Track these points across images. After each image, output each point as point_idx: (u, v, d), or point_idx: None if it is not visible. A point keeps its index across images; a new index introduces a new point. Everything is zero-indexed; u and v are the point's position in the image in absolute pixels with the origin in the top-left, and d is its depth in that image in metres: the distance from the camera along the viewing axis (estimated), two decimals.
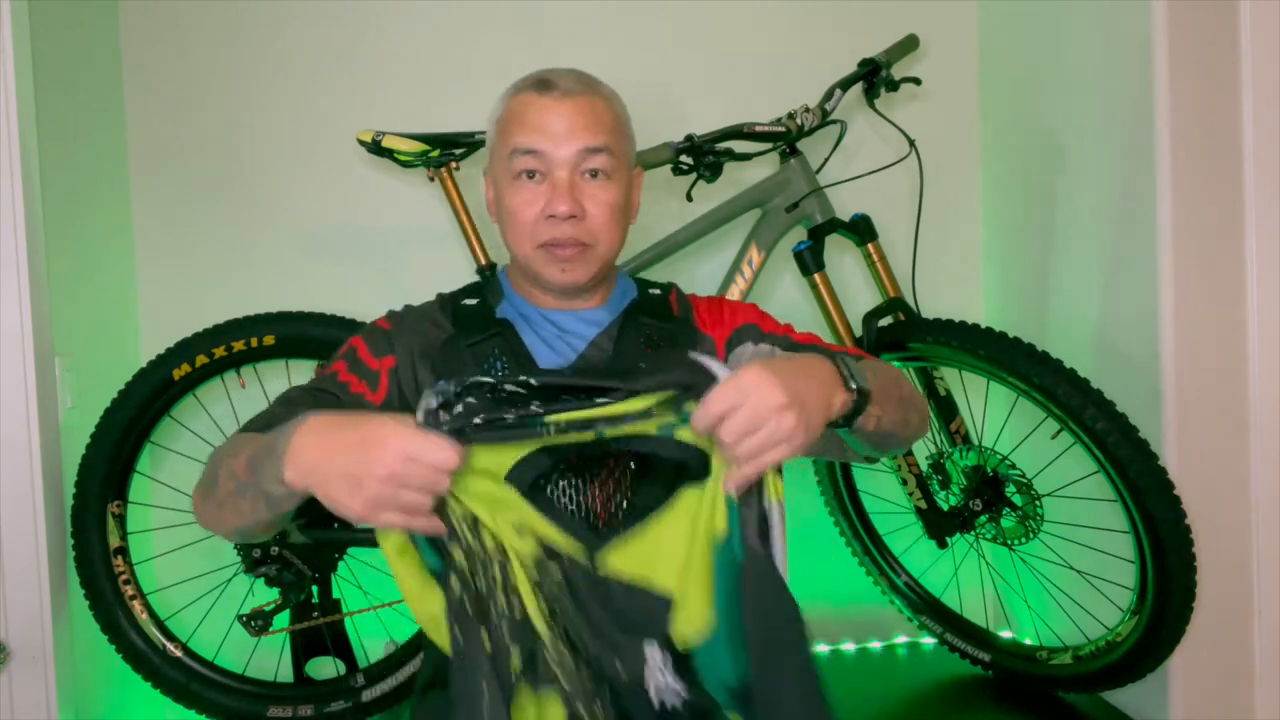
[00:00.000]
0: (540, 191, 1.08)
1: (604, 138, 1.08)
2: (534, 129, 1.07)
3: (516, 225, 1.10)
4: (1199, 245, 1.45)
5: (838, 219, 1.61)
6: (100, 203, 1.69)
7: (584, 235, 1.08)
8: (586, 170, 1.08)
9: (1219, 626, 1.47)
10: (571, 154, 1.07)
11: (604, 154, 1.08)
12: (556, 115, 1.07)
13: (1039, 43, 1.78)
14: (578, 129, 1.07)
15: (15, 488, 1.32)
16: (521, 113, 1.09)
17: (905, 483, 1.61)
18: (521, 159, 1.08)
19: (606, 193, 1.09)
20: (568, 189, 1.07)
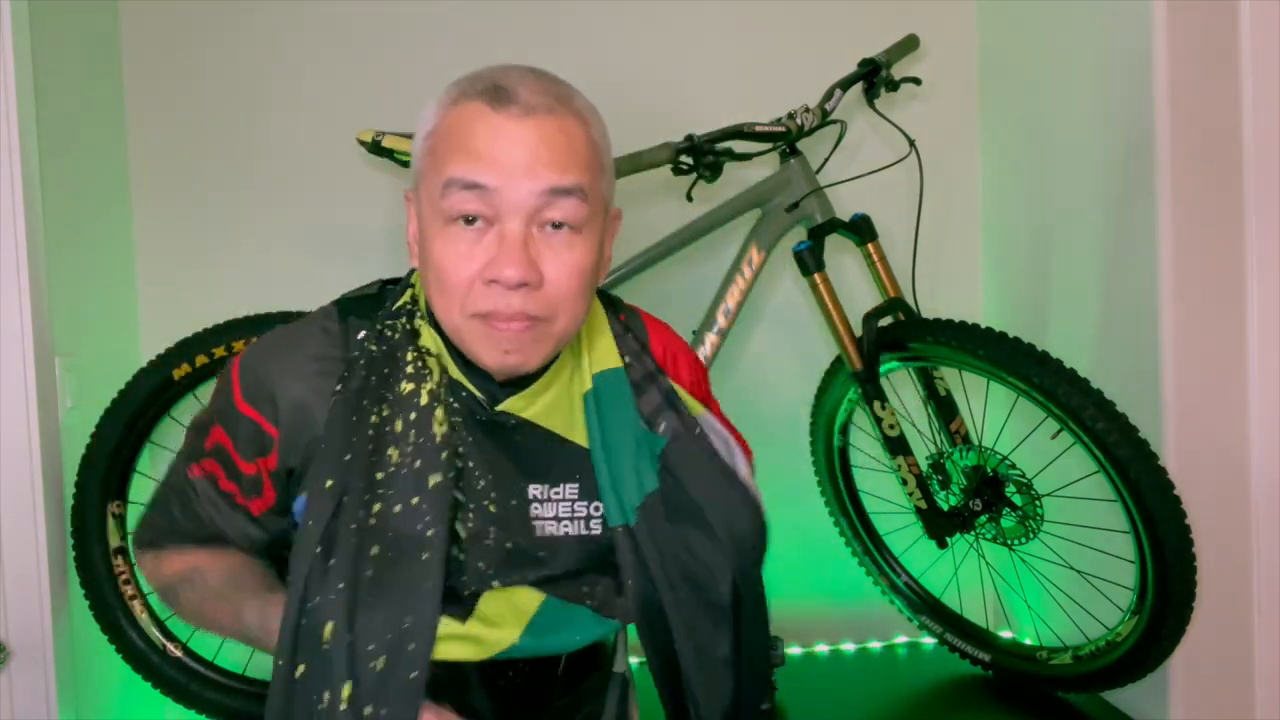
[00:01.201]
0: (482, 245, 0.79)
1: (577, 174, 0.80)
2: (480, 156, 0.78)
3: (444, 286, 0.80)
4: (1199, 245, 1.45)
5: (838, 219, 1.60)
6: (100, 203, 1.69)
7: (537, 308, 0.80)
8: (549, 221, 0.80)
9: (1219, 626, 1.47)
10: (530, 196, 0.78)
11: (575, 198, 0.80)
12: (513, 139, 0.78)
13: (1039, 43, 1.78)
14: (541, 162, 0.78)
15: (15, 488, 1.32)
16: (464, 132, 0.79)
17: (905, 483, 1.61)
18: (458, 196, 0.78)
19: (574, 252, 0.81)
20: (520, 246, 0.78)
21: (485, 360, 0.83)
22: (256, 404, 0.87)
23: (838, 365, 1.66)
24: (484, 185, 0.78)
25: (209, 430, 0.92)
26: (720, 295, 1.61)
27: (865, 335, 1.57)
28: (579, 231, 0.82)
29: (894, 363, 1.60)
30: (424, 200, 0.83)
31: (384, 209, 1.86)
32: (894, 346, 1.56)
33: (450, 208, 0.79)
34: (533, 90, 0.80)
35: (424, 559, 0.81)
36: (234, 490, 0.91)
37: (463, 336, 0.83)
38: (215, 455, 0.91)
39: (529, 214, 0.79)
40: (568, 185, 0.79)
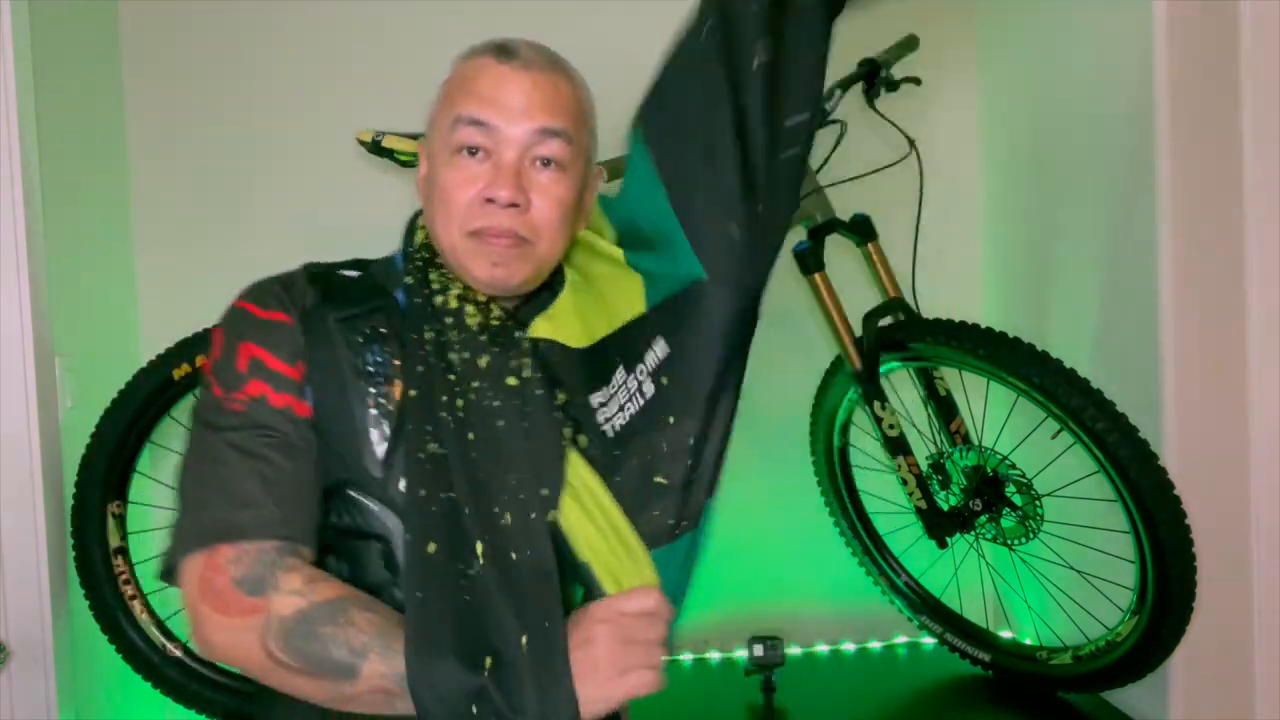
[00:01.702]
0: (481, 172, 0.93)
1: (565, 121, 0.95)
2: (485, 99, 0.93)
3: (448, 207, 0.94)
4: (1199, 245, 1.45)
5: (838, 219, 1.60)
6: (100, 203, 1.69)
7: (524, 228, 0.94)
8: (539, 157, 0.94)
9: (1219, 626, 1.47)
10: (524, 134, 0.93)
11: (561, 140, 0.95)
12: (514, 87, 0.93)
13: (1039, 43, 1.78)
14: (536, 106, 0.93)
15: (15, 488, 1.32)
16: (473, 78, 0.95)
17: (905, 483, 1.61)
18: (465, 130, 0.93)
19: (558, 186, 0.95)
20: (513, 173, 0.93)
21: (476, 273, 0.95)
22: (282, 306, 0.94)
23: (838, 365, 1.66)
24: (486, 123, 0.93)
25: (234, 353, 0.91)
26: None
27: (865, 335, 1.57)
28: (564, 170, 0.96)
29: (894, 363, 1.60)
30: (435, 138, 0.98)
31: (384, 209, 1.85)
32: (894, 346, 1.56)
33: (457, 140, 0.94)
34: (532, 49, 0.98)
35: (524, 425, 0.90)
36: (290, 402, 0.89)
37: (458, 254, 0.95)
38: (254, 372, 0.89)
39: (522, 149, 0.94)
40: (556, 128, 0.94)
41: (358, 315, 0.94)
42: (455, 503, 0.86)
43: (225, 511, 0.85)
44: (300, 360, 0.91)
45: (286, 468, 0.87)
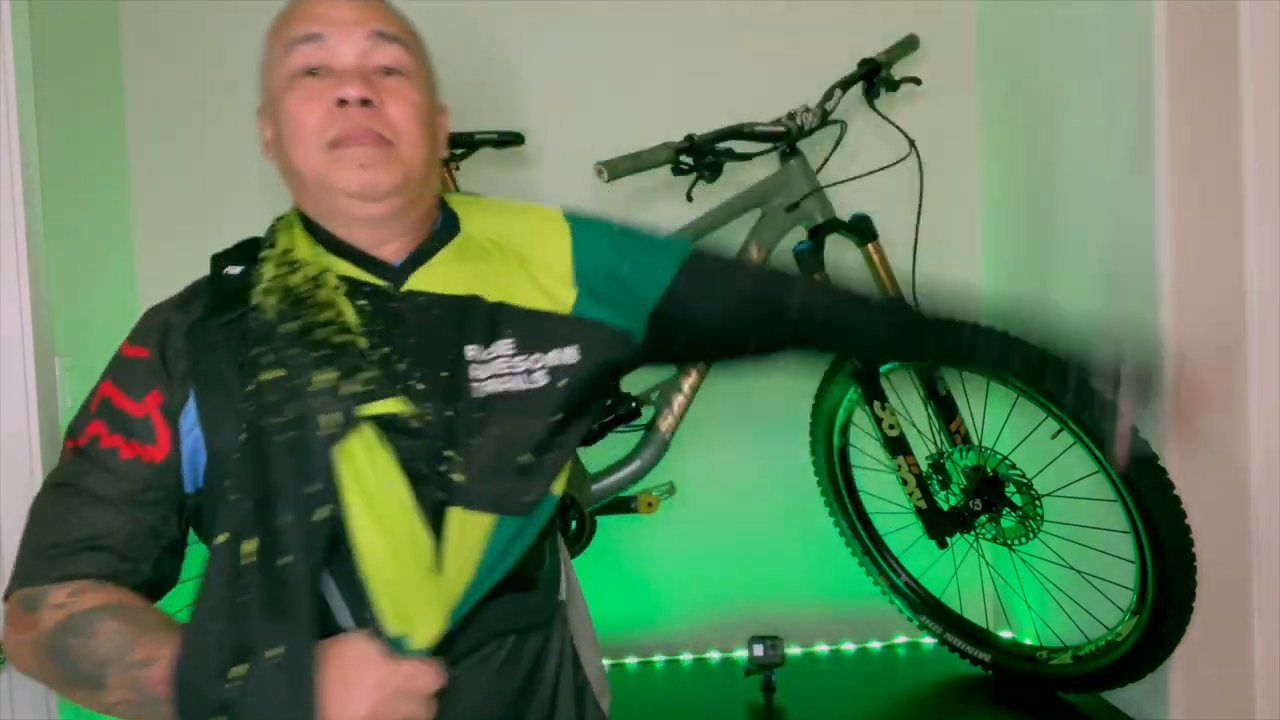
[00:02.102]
0: (325, 85, 0.89)
1: (398, 29, 0.93)
2: (313, 17, 0.91)
3: (300, 131, 0.89)
4: (1199, 245, 1.45)
5: (838, 219, 1.60)
6: (100, 203, 1.69)
7: (382, 127, 0.89)
8: (380, 66, 0.91)
9: (1219, 626, 1.47)
10: (360, 38, 0.90)
11: (399, 46, 0.92)
12: (339, 4, 0.91)
13: (1039, 43, 1.78)
14: (368, 15, 0.91)
15: (15, 488, 1.32)
16: (297, 9, 0.92)
17: (905, 483, 1.61)
18: (300, 50, 0.90)
19: (407, 89, 0.92)
20: (356, 71, 0.89)
21: (344, 184, 0.90)
22: (144, 342, 0.93)
23: (838, 365, 1.66)
24: (320, 34, 0.90)
25: (91, 398, 0.92)
26: None
27: None
28: (408, 77, 0.93)
29: (894, 362, 1.60)
30: (271, 76, 0.93)
31: None
32: None
33: (294, 64, 0.90)
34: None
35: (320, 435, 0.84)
36: (118, 443, 0.89)
37: (321, 173, 0.90)
38: (100, 414, 0.90)
39: (361, 54, 0.90)
40: (390, 32, 0.92)
41: (234, 319, 0.91)
42: (245, 499, 0.83)
43: (26, 558, 0.88)
44: (157, 389, 0.90)
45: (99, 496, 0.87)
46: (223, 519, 0.83)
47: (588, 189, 1.84)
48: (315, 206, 0.95)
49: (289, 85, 0.91)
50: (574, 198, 1.85)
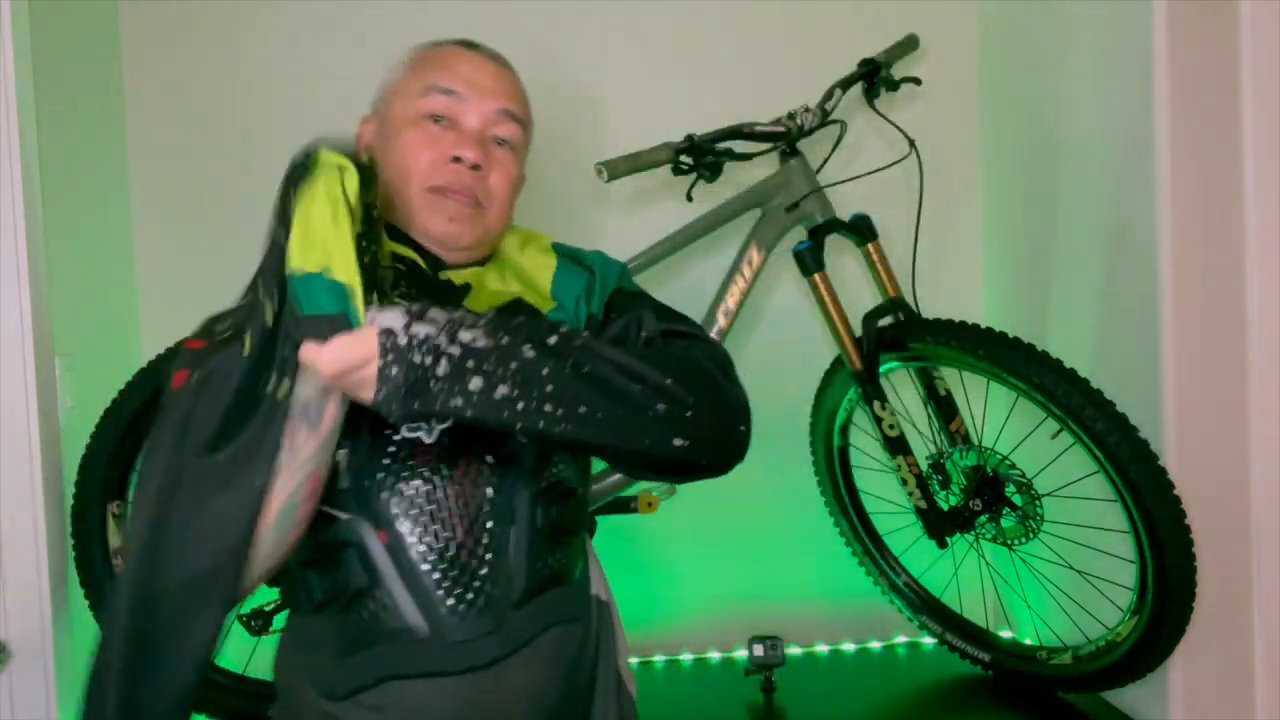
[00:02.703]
0: (444, 136, 1.00)
1: (521, 109, 1.05)
2: (457, 74, 1.01)
3: (411, 166, 0.99)
4: (1199, 245, 1.45)
5: (838, 219, 1.60)
6: (100, 203, 1.69)
7: (481, 192, 1.01)
8: (496, 136, 1.03)
9: (1219, 626, 1.47)
10: (489, 110, 1.01)
11: (517, 125, 1.04)
12: (482, 71, 1.03)
13: (1039, 43, 1.78)
14: (501, 90, 1.03)
15: (15, 488, 1.32)
16: (444, 58, 1.04)
17: (905, 483, 1.61)
18: (436, 98, 1.00)
19: (510, 164, 1.04)
20: (477, 138, 1.00)
21: (432, 227, 1.00)
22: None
23: (838, 365, 1.66)
24: (457, 92, 1.01)
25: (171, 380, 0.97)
26: (720, 295, 1.61)
27: (865, 335, 1.57)
28: (515, 152, 1.05)
29: (894, 363, 1.60)
30: (397, 104, 1.03)
31: None
32: (894, 346, 1.56)
33: (426, 106, 1.00)
34: (490, 49, 1.08)
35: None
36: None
37: (416, 208, 1.00)
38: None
39: (485, 122, 1.02)
40: (515, 112, 1.04)
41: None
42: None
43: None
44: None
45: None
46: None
47: (588, 189, 1.85)
48: (395, 216, 1.02)
49: (414, 122, 1.01)
50: (574, 197, 1.87)
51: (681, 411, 0.87)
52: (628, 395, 0.85)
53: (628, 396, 0.85)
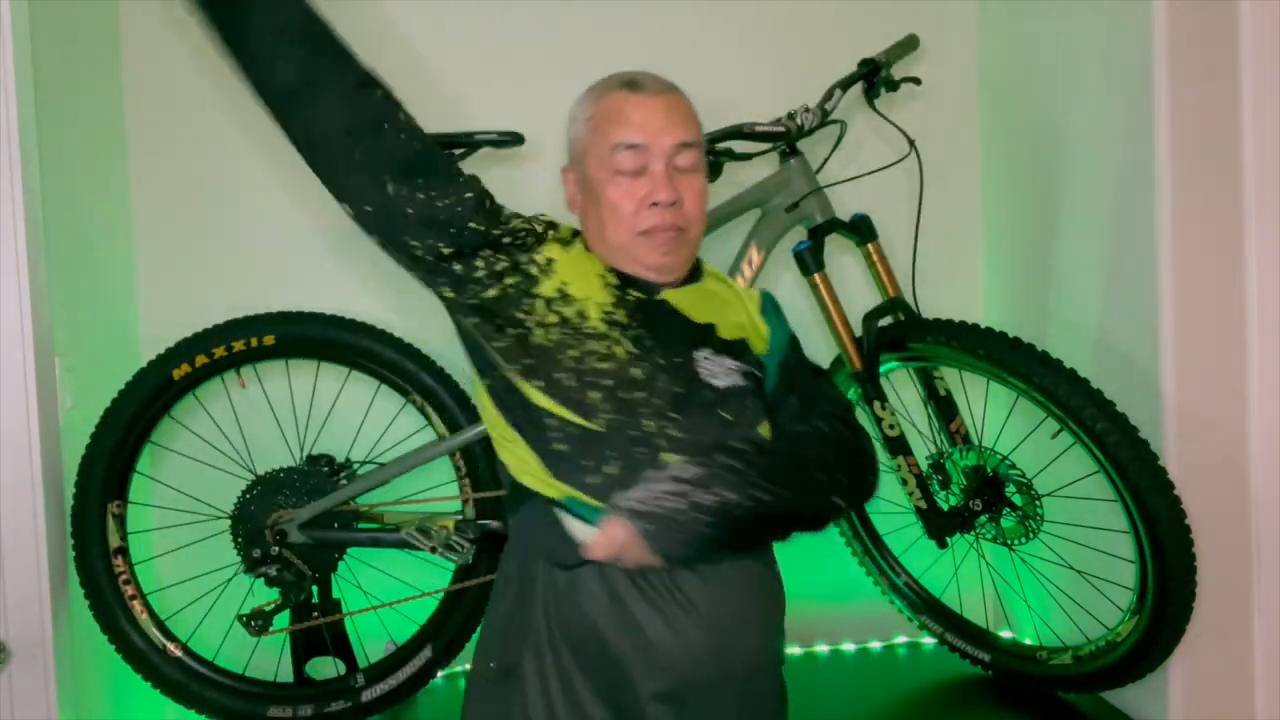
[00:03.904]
0: (640, 184, 1.15)
1: (692, 133, 1.18)
2: (634, 125, 1.15)
3: (617, 216, 1.15)
4: (1199, 245, 1.45)
5: (838, 219, 1.60)
6: (100, 202, 1.69)
7: (680, 221, 1.16)
8: (678, 167, 1.16)
9: (1219, 626, 1.47)
10: (669, 147, 1.15)
11: (694, 150, 1.17)
12: (653, 111, 1.15)
13: (1039, 43, 1.78)
14: (674, 124, 1.16)
15: (15, 488, 1.32)
16: (618, 110, 1.16)
17: (905, 483, 1.61)
18: (624, 155, 1.15)
19: (696, 183, 1.18)
20: (666, 179, 1.14)
21: (649, 261, 1.17)
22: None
23: (838, 365, 1.66)
24: (639, 144, 1.15)
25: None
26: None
27: (865, 335, 1.57)
28: (697, 173, 1.19)
29: (894, 363, 1.60)
30: (591, 164, 1.18)
31: None
32: (894, 346, 1.56)
33: (618, 164, 1.15)
34: (653, 80, 1.19)
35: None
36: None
37: (632, 251, 1.16)
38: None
39: (667, 160, 1.15)
40: (690, 140, 1.17)
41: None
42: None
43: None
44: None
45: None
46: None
47: None
48: (613, 256, 1.19)
49: (611, 179, 1.16)
50: None
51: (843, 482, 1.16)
52: (816, 484, 1.14)
53: (815, 485, 1.14)
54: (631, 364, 1.13)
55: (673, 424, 1.10)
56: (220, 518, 1.63)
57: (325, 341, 1.57)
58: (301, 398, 1.76)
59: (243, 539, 1.58)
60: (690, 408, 1.12)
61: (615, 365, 1.12)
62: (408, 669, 1.59)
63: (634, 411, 1.10)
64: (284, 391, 1.76)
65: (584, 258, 1.20)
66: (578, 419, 1.10)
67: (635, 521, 1.03)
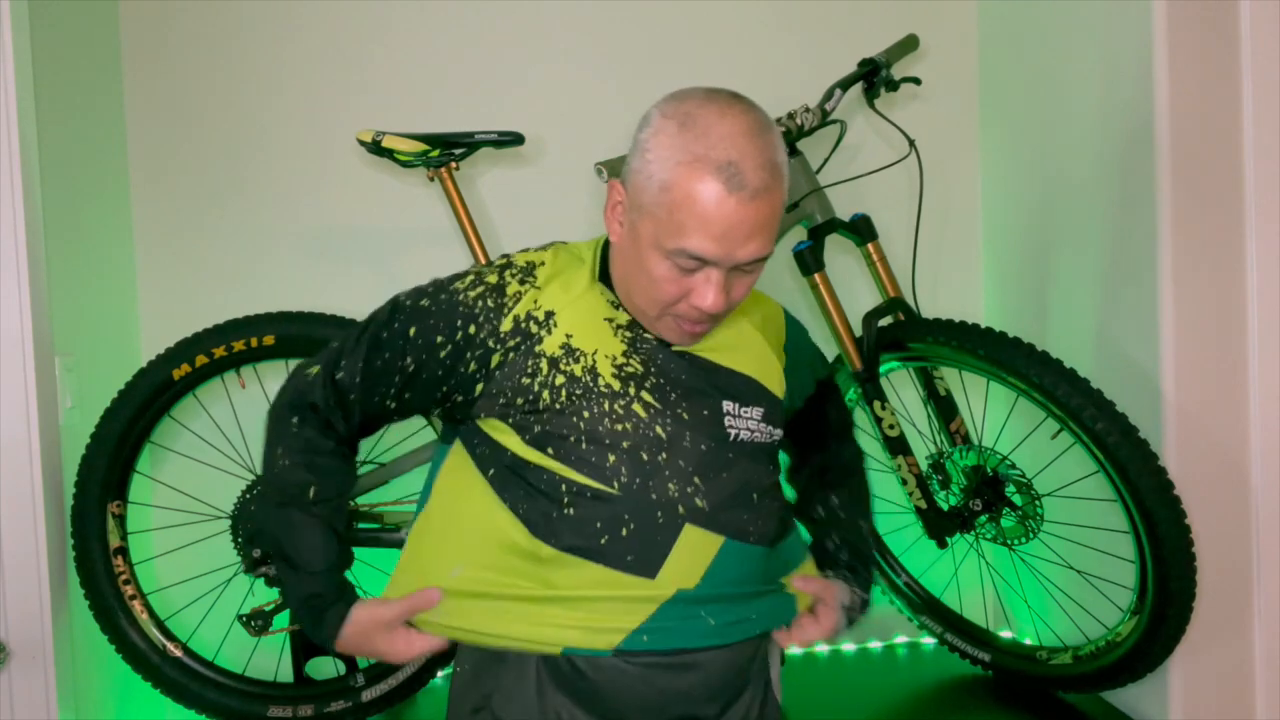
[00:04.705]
0: (694, 279, 0.98)
1: (773, 243, 0.99)
2: (714, 238, 0.94)
3: (653, 290, 0.99)
4: (1199, 245, 1.45)
5: (838, 219, 1.60)
6: (100, 203, 1.69)
7: (720, 317, 1.03)
8: (744, 266, 0.98)
9: (1219, 626, 1.47)
10: (744, 259, 0.97)
11: (766, 255, 0.99)
12: (741, 220, 0.94)
13: (1039, 43, 1.78)
14: (757, 237, 0.96)
15: (15, 488, 1.32)
16: (704, 209, 0.94)
17: (905, 483, 1.61)
18: (687, 260, 0.96)
19: (752, 277, 1.02)
20: (723, 288, 0.97)
21: (666, 336, 1.05)
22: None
23: (838, 365, 1.66)
24: (710, 260, 0.96)
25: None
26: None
27: (865, 335, 1.57)
28: (758, 269, 1.01)
29: (894, 363, 1.60)
30: (647, 226, 0.98)
31: (383, 209, 1.86)
32: (894, 346, 1.56)
33: (678, 261, 0.97)
34: (758, 169, 0.95)
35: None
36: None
37: (650, 319, 1.03)
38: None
39: (734, 265, 0.97)
40: (766, 252, 0.98)
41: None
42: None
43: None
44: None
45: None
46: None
47: (588, 189, 1.85)
48: (629, 305, 1.05)
49: (664, 257, 0.97)
50: (574, 198, 1.87)
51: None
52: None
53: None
54: (655, 421, 1.02)
55: (697, 492, 1.01)
56: (220, 518, 1.63)
57: (325, 341, 1.56)
58: None
59: (243, 539, 1.57)
60: (715, 469, 1.03)
61: (633, 425, 1.01)
62: (408, 669, 1.59)
63: (657, 474, 1.00)
64: None
65: (587, 294, 1.05)
66: (594, 483, 0.99)
67: (846, 615, 1.11)
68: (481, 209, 1.85)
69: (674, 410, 1.03)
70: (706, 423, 1.04)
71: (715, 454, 1.03)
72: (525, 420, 1.01)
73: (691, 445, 1.02)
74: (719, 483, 1.03)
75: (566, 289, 1.05)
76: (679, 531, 1.00)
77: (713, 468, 1.03)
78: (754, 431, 1.08)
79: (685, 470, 1.01)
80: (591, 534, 0.99)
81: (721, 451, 1.04)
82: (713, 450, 1.03)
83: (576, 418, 1.00)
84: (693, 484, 1.01)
